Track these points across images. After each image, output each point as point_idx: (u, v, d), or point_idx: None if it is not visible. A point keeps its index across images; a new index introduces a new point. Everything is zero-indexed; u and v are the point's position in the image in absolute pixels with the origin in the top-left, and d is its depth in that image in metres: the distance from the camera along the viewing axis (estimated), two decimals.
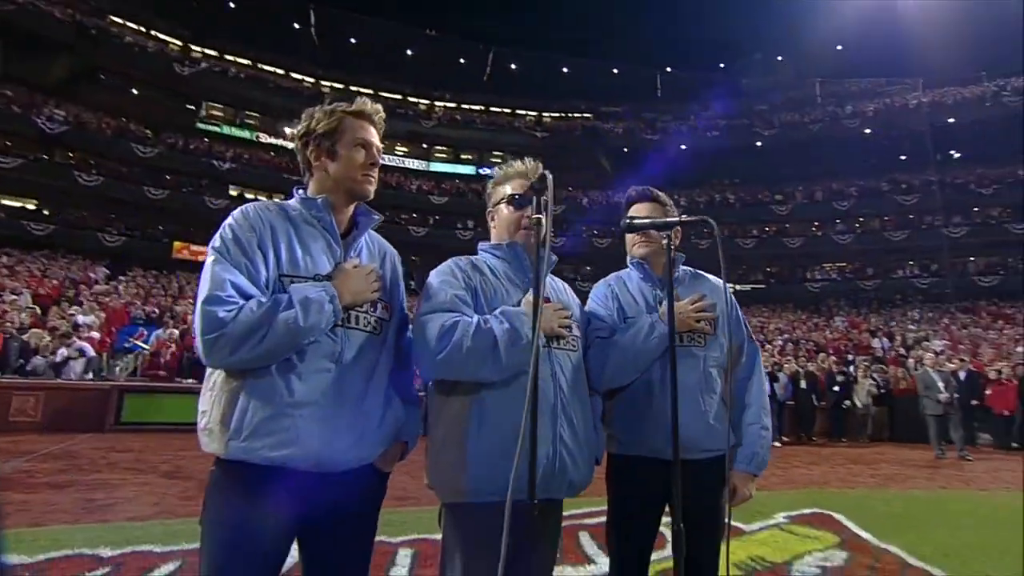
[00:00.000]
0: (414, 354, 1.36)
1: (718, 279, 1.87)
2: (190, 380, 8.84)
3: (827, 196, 25.50)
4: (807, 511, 4.44)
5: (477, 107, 31.76)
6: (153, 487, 4.47)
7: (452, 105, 31.72)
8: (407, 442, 1.38)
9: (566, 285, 1.66)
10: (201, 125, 26.27)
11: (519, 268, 1.51)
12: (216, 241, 1.20)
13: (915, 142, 24.67)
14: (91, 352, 8.73)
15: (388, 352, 1.34)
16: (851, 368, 11.99)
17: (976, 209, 23.52)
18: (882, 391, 10.79)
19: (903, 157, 25.75)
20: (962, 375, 9.70)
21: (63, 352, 8.50)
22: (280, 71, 28.90)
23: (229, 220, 1.24)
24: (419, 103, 31.74)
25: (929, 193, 23.31)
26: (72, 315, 10.57)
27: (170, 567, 2.68)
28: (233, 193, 25.76)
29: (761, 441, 1.69)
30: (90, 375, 8.64)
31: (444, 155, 31.36)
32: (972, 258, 22.99)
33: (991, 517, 4.53)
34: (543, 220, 1.22)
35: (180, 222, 23.20)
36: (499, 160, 34.79)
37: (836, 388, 10.59)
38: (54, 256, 17.92)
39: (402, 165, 29.75)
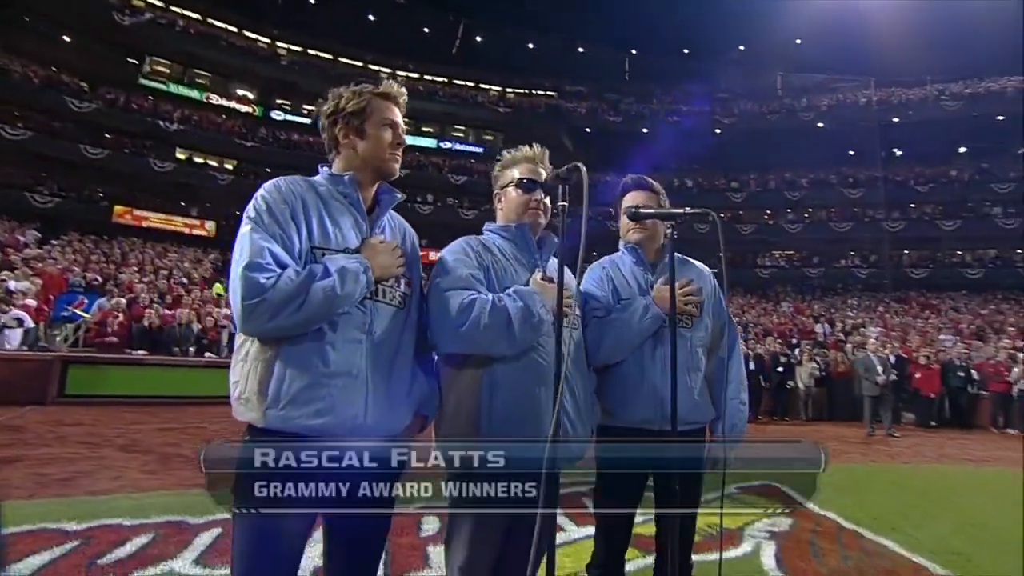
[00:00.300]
0: (432, 327, 1.41)
1: (703, 265, 1.98)
2: (141, 352, 8.45)
3: (780, 185, 26.48)
4: (755, 483, 4.76)
5: (440, 79, 30.96)
6: (111, 461, 4.32)
7: (414, 75, 30.80)
8: (427, 416, 1.43)
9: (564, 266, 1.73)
10: (144, 81, 24.46)
11: (525, 249, 1.58)
12: (250, 211, 1.21)
13: (863, 138, 25.91)
14: (30, 322, 8.20)
15: (411, 326, 1.39)
16: (796, 351, 12.71)
17: (912, 205, 25.05)
18: (823, 373, 11.52)
19: (851, 152, 27.03)
20: (892, 359, 10.48)
21: None
22: (233, 28, 27.16)
23: (262, 192, 1.25)
24: (380, 71, 30.62)
25: (872, 188, 24.61)
26: (3, 280, 9.84)
27: (143, 539, 2.64)
28: (181, 156, 24.35)
29: (740, 414, 1.84)
30: (26, 346, 8.12)
31: (405, 126, 30.52)
32: (906, 251, 24.57)
33: (913, 487, 5.01)
34: (568, 207, 1.27)
35: (122, 184, 21.76)
36: (461, 134, 33.87)
37: (780, 369, 11.24)
38: None
39: None
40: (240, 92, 27.79)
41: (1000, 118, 25.59)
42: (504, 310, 1.38)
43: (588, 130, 28.95)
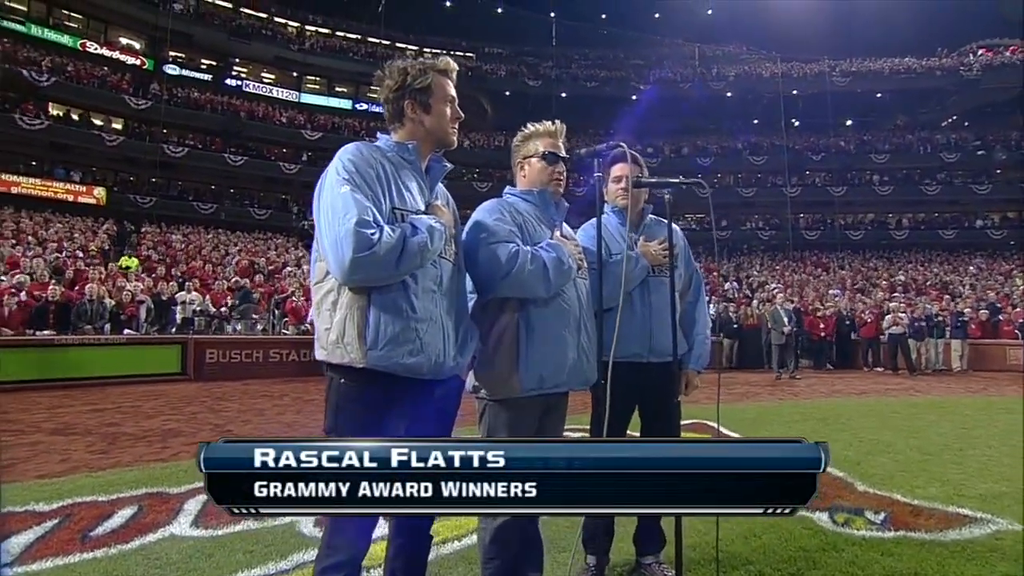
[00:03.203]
0: (481, 276, 1.60)
1: (675, 225, 2.26)
2: (47, 332, 7.65)
3: (692, 152, 27.82)
4: (687, 421, 5.35)
5: (353, 36, 29.23)
6: (49, 445, 4.05)
7: (325, 31, 28.84)
8: (473, 355, 1.61)
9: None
10: (5, 23, 21.03)
11: (545, 211, 1.79)
12: (341, 172, 1.30)
13: (766, 108, 27.85)
14: None
15: (463, 279, 1.57)
16: (709, 307, 13.84)
17: (808, 172, 27.51)
18: (735, 326, 12.70)
19: (756, 121, 29.01)
20: (792, 312, 11.76)
21: None
22: None
23: (348, 155, 1.34)
24: (288, 25, 28.39)
25: (774, 155, 26.64)
26: None
27: (128, 511, 2.59)
28: (56, 112, 21.43)
29: (705, 347, 2.20)
30: None
31: (316, 86, 28.72)
32: (802, 215, 27.09)
33: (815, 416, 5.89)
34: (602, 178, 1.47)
35: None
36: (376, 95, 33.53)
37: None
38: None
39: (269, 94, 26.69)
40: (124, 41, 24.68)
41: (879, 95, 28.65)
42: (542, 259, 1.60)
43: (507, 93, 28.80)
